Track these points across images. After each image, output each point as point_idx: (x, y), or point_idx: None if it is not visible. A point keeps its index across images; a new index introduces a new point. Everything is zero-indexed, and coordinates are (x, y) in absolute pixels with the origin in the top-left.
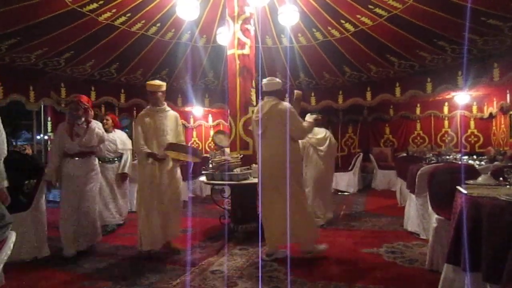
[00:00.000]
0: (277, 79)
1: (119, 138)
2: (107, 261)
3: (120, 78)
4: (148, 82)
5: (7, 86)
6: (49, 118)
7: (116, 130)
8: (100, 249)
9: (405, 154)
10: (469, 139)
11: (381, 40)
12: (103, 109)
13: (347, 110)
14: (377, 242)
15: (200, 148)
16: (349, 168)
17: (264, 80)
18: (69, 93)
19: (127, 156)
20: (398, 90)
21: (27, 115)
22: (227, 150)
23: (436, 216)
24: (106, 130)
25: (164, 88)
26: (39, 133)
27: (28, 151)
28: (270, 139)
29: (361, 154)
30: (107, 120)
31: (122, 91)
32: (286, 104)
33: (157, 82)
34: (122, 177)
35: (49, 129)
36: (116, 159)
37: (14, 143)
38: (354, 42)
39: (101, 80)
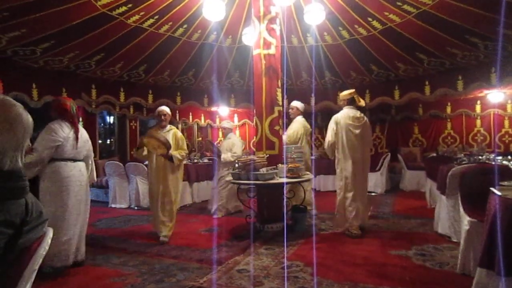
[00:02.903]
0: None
1: None
2: (136, 258)
3: (148, 79)
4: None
5: (41, 88)
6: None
7: None
8: (129, 247)
9: (435, 154)
10: (503, 138)
11: (410, 38)
12: (131, 109)
13: (374, 109)
14: (406, 244)
15: None
16: (377, 168)
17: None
18: (100, 94)
19: None
20: (427, 89)
21: None
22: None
23: (468, 218)
24: None
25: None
26: None
27: None
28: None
29: (389, 154)
30: None
31: (150, 92)
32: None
33: None
34: None
35: None
36: None
37: None
38: (381, 40)
39: (130, 81)
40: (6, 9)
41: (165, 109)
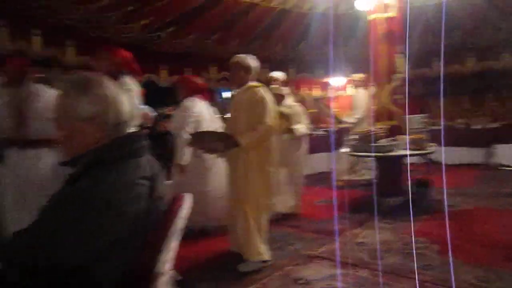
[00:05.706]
0: None
1: None
2: None
3: (262, 54)
4: None
5: (169, 69)
6: None
7: None
8: None
9: None
10: None
11: None
12: None
13: None
14: None
15: None
16: None
17: None
18: (218, 71)
19: None
20: None
21: None
22: None
23: None
24: None
25: None
26: None
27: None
28: None
29: None
30: None
31: (264, 66)
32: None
33: None
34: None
35: None
36: None
37: None
38: None
39: None
40: (137, 0)
41: None
